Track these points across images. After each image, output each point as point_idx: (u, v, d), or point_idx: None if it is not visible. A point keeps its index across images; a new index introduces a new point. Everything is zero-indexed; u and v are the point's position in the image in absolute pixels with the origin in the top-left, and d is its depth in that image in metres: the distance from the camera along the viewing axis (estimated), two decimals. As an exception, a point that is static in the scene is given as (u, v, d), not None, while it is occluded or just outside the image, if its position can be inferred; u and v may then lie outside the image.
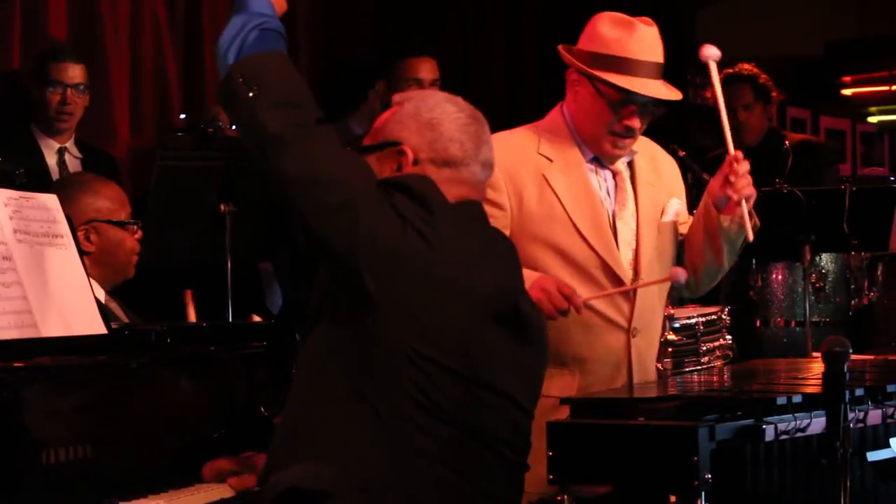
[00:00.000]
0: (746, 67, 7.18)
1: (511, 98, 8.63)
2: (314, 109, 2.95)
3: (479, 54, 8.43)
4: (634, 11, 4.04)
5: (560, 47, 4.05)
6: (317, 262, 3.05)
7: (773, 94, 7.14)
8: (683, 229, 4.17)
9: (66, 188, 4.52)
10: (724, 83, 6.96)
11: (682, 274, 3.92)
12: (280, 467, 2.94)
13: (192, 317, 5.12)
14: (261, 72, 2.91)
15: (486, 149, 3.11)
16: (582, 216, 3.97)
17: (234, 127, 6.54)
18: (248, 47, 2.95)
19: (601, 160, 4.05)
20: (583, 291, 3.87)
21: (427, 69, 6.61)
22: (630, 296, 4.00)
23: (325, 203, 2.88)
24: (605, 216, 4.01)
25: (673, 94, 3.97)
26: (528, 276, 3.65)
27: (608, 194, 4.05)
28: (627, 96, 3.91)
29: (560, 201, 3.96)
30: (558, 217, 3.96)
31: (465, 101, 3.15)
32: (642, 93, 3.90)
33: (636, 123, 3.95)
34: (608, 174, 4.06)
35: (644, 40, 3.95)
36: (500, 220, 3.89)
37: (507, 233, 3.82)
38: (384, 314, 2.87)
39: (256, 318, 5.05)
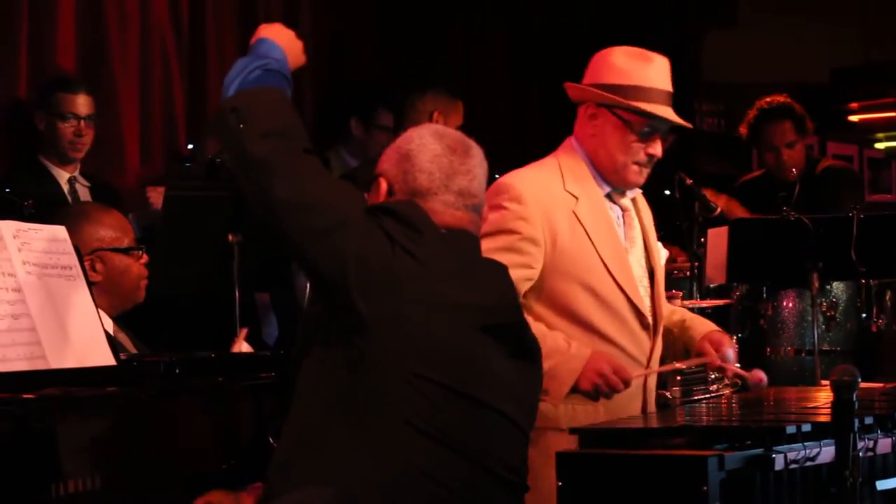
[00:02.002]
0: (782, 100, 7.01)
1: (513, 121, 8.66)
2: (302, 140, 3.01)
3: (482, 78, 8.45)
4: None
5: (569, 84, 4.10)
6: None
7: (809, 124, 7.00)
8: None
9: (67, 219, 4.52)
10: (764, 119, 6.88)
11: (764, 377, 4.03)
12: (278, 493, 2.95)
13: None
14: (251, 104, 3.00)
15: (461, 179, 3.12)
16: (609, 254, 4.03)
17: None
18: (247, 84, 3.03)
19: (612, 197, 4.11)
20: (608, 327, 3.99)
21: (460, 115, 6.56)
22: (651, 334, 4.09)
23: (314, 227, 2.92)
24: (625, 254, 4.09)
25: (686, 123, 4.09)
26: (580, 355, 3.84)
27: (619, 229, 4.12)
28: (653, 124, 3.99)
29: (590, 239, 4.02)
30: (589, 254, 4.01)
31: (457, 134, 3.19)
32: (670, 119, 3.99)
33: (659, 151, 4.04)
34: (619, 211, 4.13)
35: (661, 70, 4.05)
36: (534, 255, 3.96)
37: (538, 267, 3.95)
38: (377, 335, 2.90)
39: (247, 348, 5.04)
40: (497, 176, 7.57)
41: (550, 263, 3.98)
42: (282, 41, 3.21)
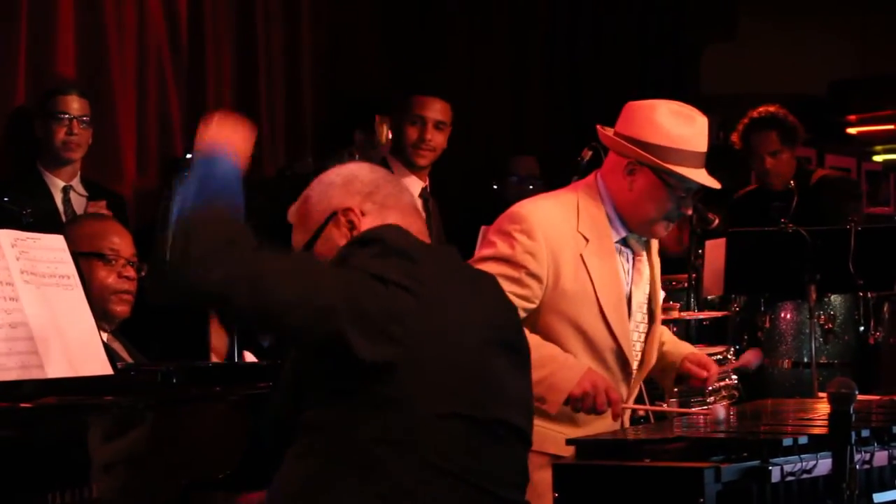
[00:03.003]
0: (772, 111, 7.05)
1: (513, 127, 8.67)
2: (247, 239, 2.86)
3: (483, 85, 8.46)
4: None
5: (607, 137, 4.12)
6: None
7: (800, 134, 7.03)
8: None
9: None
10: (751, 128, 6.94)
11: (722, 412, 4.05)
12: None
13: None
14: (185, 233, 2.83)
15: (404, 195, 3.20)
16: (609, 301, 4.06)
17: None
18: (189, 212, 2.87)
19: (628, 240, 4.14)
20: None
21: (436, 109, 6.60)
22: (629, 384, 4.14)
23: (304, 320, 2.84)
24: (626, 302, 4.12)
25: (717, 185, 4.15)
26: (577, 366, 3.88)
27: (626, 274, 4.15)
28: (692, 188, 4.06)
29: (593, 284, 4.04)
30: (588, 299, 4.03)
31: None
32: (709, 186, 4.07)
33: (690, 209, 4.19)
34: (630, 255, 4.17)
35: (703, 132, 4.09)
36: (535, 290, 3.99)
37: (536, 302, 3.99)
38: (391, 380, 2.86)
39: (250, 357, 5.04)
40: (495, 187, 7.61)
41: (549, 301, 4.01)
42: (226, 141, 2.97)
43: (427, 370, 2.88)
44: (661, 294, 4.39)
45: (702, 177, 4.05)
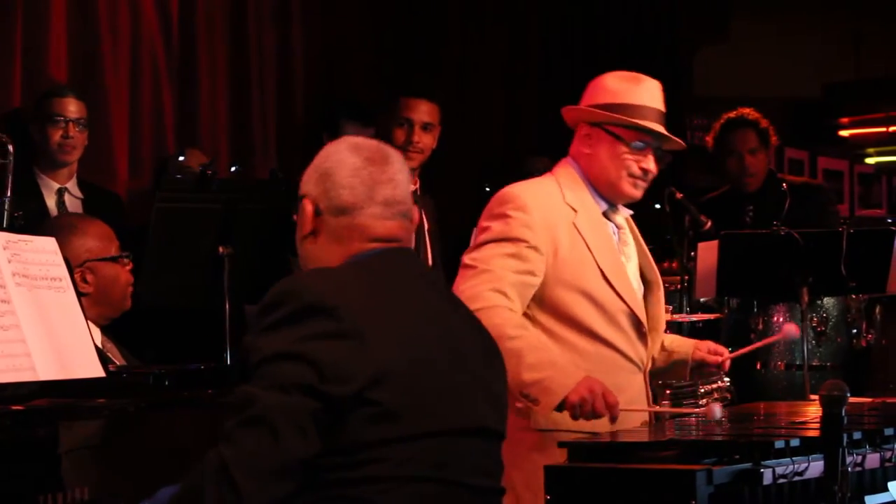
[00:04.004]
0: (748, 112, 7.13)
1: (508, 133, 8.67)
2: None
3: (477, 89, 8.47)
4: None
5: (565, 109, 4.29)
6: None
7: (773, 139, 7.12)
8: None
9: (53, 233, 4.50)
10: (728, 127, 7.02)
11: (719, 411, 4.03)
12: None
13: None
14: None
15: (383, 188, 3.03)
16: (608, 264, 4.16)
17: (233, 169, 6.58)
18: None
19: (608, 214, 4.24)
20: (608, 333, 4.12)
21: (422, 111, 6.59)
22: (646, 341, 4.22)
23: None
24: (623, 265, 4.22)
25: (678, 140, 4.25)
26: (575, 374, 3.89)
27: (616, 245, 4.26)
28: (644, 139, 4.16)
29: (590, 249, 4.14)
30: (588, 264, 4.13)
31: (373, 143, 3.10)
32: (660, 132, 4.15)
33: (652, 166, 4.19)
34: (614, 228, 4.27)
35: (651, 91, 4.22)
36: (537, 263, 4.07)
37: (540, 275, 4.06)
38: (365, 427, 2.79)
39: None
40: (488, 189, 7.62)
41: (552, 272, 4.09)
42: None
43: (398, 409, 2.81)
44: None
45: (652, 125, 4.14)
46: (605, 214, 4.24)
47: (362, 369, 2.77)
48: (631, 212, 4.33)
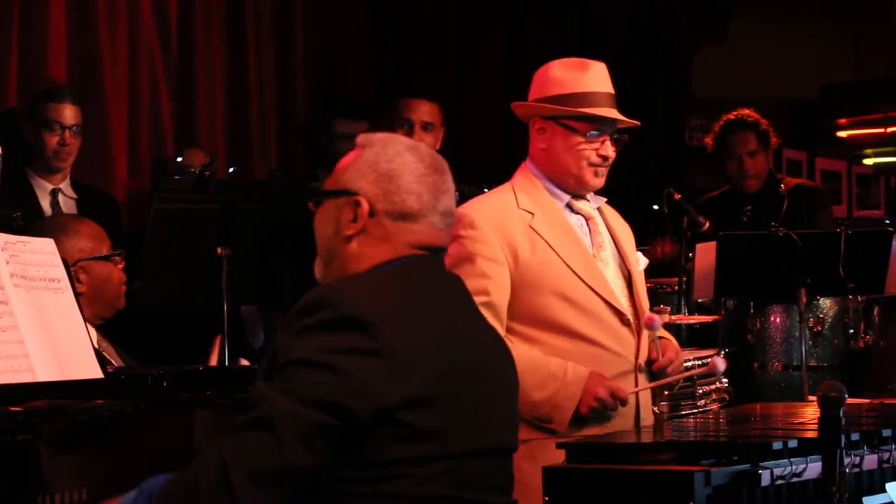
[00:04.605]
0: (748, 113, 7.13)
1: (507, 134, 8.67)
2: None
3: (478, 91, 8.47)
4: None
5: (515, 104, 4.25)
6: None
7: (773, 140, 7.12)
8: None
9: (45, 233, 4.50)
10: (728, 129, 7.03)
11: (721, 363, 4.10)
12: None
13: (213, 361, 5.10)
14: None
15: (445, 199, 3.00)
16: (574, 259, 4.11)
17: (231, 170, 6.58)
18: None
19: (573, 206, 4.20)
20: (589, 330, 4.07)
21: (423, 111, 6.59)
22: (633, 331, 4.17)
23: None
24: (592, 258, 4.17)
25: (632, 121, 4.20)
26: (577, 380, 3.95)
27: (585, 237, 4.21)
28: (598, 127, 4.12)
29: (552, 248, 4.10)
30: (553, 263, 4.09)
31: (428, 149, 3.05)
32: (610, 116, 4.11)
33: (610, 152, 4.15)
34: (581, 220, 4.23)
35: (599, 75, 4.18)
36: (499, 273, 4.04)
37: (507, 284, 4.03)
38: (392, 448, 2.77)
39: (244, 362, 5.05)
40: (486, 190, 7.61)
41: (518, 279, 4.06)
42: None
43: (432, 427, 2.78)
44: (643, 260, 4.38)
45: (603, 111, 4.11)
46: (570, 207, 4.20)
47: (394, 390, 2.73)
48: (604, 199, 4.28)
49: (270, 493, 2.73)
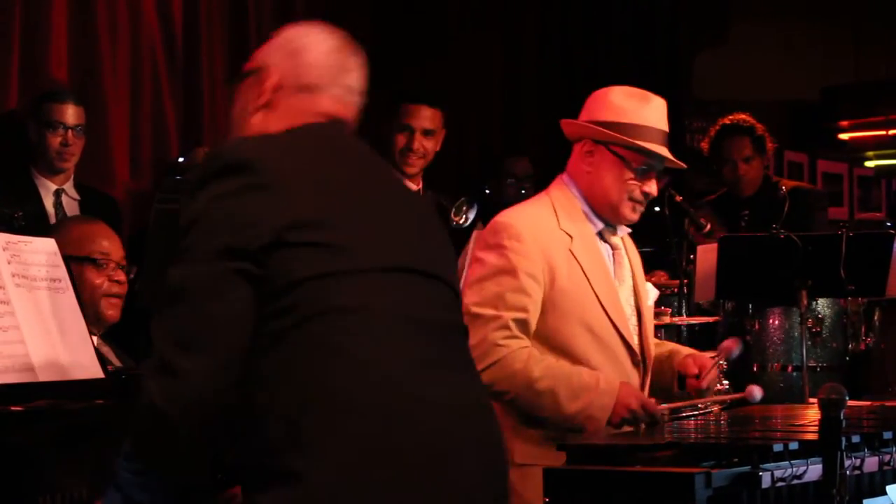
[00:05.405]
0: (743, 118, 7.14)
1: (507, 134, 8.67)
2: None
3: (478, 91, 8.47)
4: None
5: (564, 122, 4.16)
6: None
7: (769, 144, 7.13)
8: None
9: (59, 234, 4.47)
10: (724, 134, 7.04)
11: (758, 392, 4.14)
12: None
13: None
14: None
15: (351, 75, 3.03)
16: (603, 292, 4.09)
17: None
18: None
19: (604, 234, 4.18)
20: (603, 365, 4.05)
21: (423, 117, 6.59)
22: (641, 371, 4.19)
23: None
24: (616, 291, 4.15)
25: (680, 163, 4.16)
26: (609, 391, 3.95)
27: (610, 268, 4.18)
28: (649, 162, 4.06)
29: (587, 277, 4.07)
30: (586, 292, 4.06)
31: (344, 33, 3.09)
32: (666, 157, 4.06)
33: (654, 189, 4.12)
34: (609, 250, 4.19)
35: (658, 110, 4.11)
36: (537, 292, 4.00)
37: (539, 303, 4.00)
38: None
39: None
40: (487, 191, 7.61)
41: (549, 302, 4.03)
42: None
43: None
44: (654, 292, 4.39)
45: (658, 149, 4.06)
46: (600, 234, 4.17)
47: (283, 212, 2.70)
48: (629, 230, 4.25)
49: (207, 354, 2.69)
